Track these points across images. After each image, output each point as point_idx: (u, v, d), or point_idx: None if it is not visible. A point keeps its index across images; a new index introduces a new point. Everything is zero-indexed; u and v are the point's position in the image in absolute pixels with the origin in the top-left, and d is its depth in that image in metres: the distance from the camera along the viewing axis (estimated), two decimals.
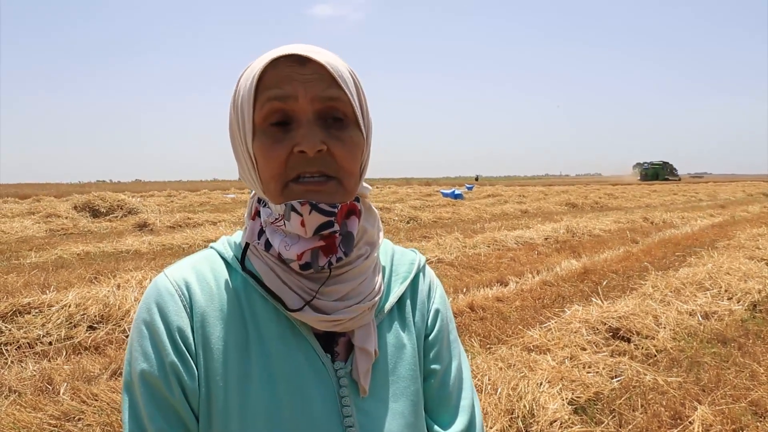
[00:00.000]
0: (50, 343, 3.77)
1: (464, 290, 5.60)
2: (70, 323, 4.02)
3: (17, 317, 4.00)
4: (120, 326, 4.09)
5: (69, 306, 4.16)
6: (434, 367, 0.82)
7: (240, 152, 0.70)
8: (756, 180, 68.68)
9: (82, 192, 17.23)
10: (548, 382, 3.10)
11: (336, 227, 0.66)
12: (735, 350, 3.81)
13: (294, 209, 0.65)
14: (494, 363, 3.38)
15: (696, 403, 2.95)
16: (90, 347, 3.80)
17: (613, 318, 4.16)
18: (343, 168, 0.67)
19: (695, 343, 3.96)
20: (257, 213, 0.73)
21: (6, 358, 3.56)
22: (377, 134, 0.74)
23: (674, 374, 3.38)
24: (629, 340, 3.92)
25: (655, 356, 3.70)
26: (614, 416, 2.87)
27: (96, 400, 2.93)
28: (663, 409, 2.90)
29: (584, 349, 3.69)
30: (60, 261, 7.15)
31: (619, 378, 3.30)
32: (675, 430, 2.73)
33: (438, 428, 0.80)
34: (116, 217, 12.39)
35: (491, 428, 2.66)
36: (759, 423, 2.80)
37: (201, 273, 0.73)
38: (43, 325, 3.93)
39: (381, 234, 0.78)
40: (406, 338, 0.79)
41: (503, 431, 2.67)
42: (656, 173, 72.04)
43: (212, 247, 0.78)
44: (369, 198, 0.77)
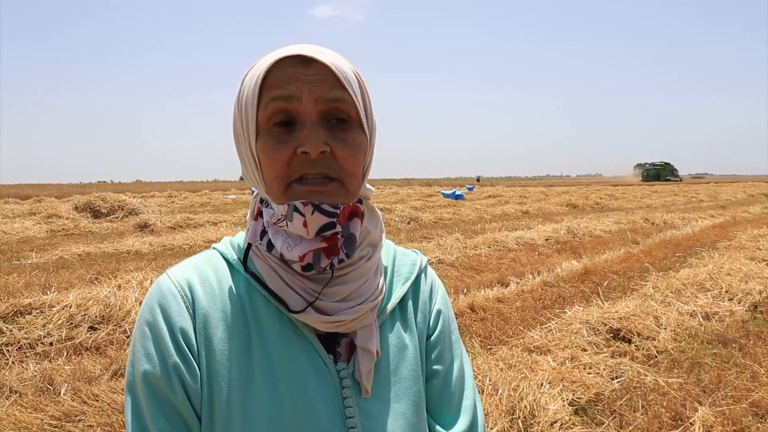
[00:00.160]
0: (51, 344, 3.77)
1: (465, 291, 5.60)
2: (71, 324, 4.02)
3: (18, 318, 4.01)
4: (121, 327, 4.09)
5: (70, 306, 4.16)
6: (436, 368, 0.82)
7: (243, 152, 0.70)
8: (757, 180, 68.58)
9: (83, 192, 17.24)
10: (549, 383, 3.09)
11: (338, 228, 0.66)
12: (736, 351, 3.81)
13: (297, 210, 0.65)
14: (495, 364, 3.38)
15: (697, 404, 2.95)
16: (91, 348, 3.80)
17: (614, 319, 4.15)
18: (346, 170, 0.67)
19: (696, 344, 3.96)
20: (260, 213, 0.73)
21: (7, 359, 3.56)
22: (379, 134, 0.74)
23: (675, 375, 3.38)
24: (630, 341, 3.92)
25: (656, 357, 3.70)
26: (615, 417, 2.87)
27: (97, 401, 2.93)
28: (664, 410, 2.90)
29: (585, 350, 3.69)
30: (61, 261, 7.16)
31: (620, 379, 3.30)
32: (676, 431, 2.73)
33: (440, 429, 0.80)
34: (117, 218, 12.39)
35: (492, 429, 2.65)
36: (760, 424, 2.80)
37: (203, 274, 0.73)
38: (44, 326, 3.93)
39: (384, 235, 0.78)
40: (408, 339, 0.79)
41: None
42: (658, 174, 71.98)
43: (214, 248, 0.78)
44: (371, 199, 0.77)
